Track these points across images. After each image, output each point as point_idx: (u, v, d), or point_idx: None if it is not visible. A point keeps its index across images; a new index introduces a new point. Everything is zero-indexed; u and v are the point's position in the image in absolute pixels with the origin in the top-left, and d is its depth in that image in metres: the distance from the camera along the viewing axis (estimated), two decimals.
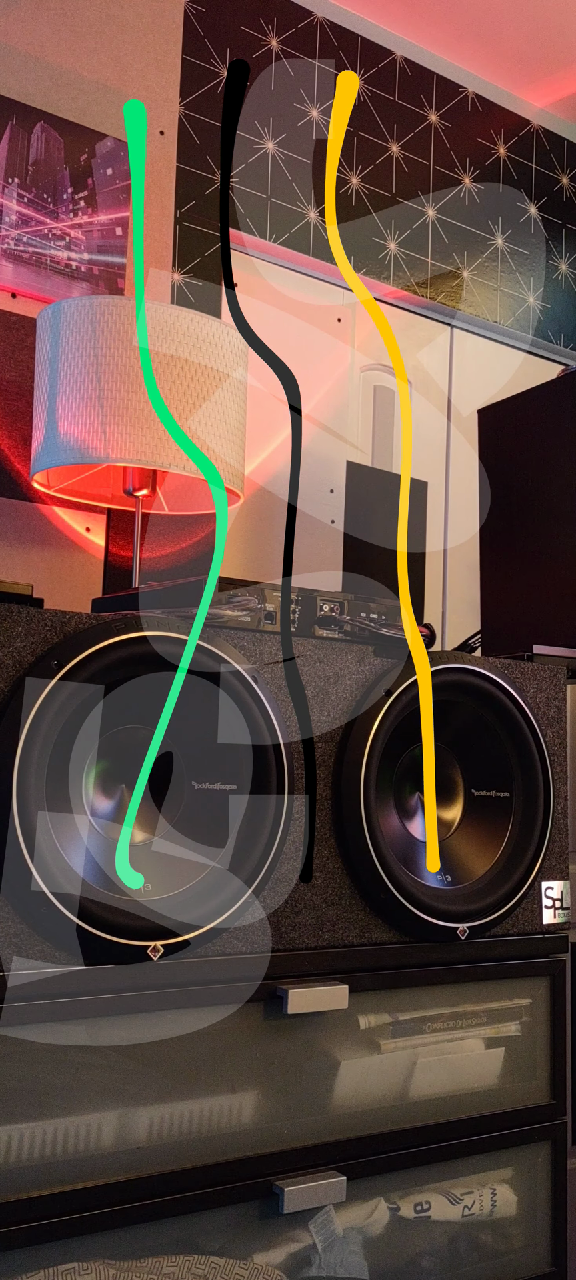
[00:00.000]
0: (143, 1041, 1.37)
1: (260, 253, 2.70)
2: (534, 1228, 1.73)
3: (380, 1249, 1.55)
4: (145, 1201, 1.35)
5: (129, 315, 1.92)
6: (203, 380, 1.95)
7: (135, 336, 1.92)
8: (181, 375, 1.94)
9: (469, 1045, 1.68)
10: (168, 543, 2.37)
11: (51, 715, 1.30)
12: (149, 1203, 1.35)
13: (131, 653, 1.37)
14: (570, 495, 2.12)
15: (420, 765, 1.72)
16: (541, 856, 1.72)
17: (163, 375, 1.92)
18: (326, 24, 2.83)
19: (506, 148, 3.19)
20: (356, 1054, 1.56)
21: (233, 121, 1.31)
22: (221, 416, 1.99)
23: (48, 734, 1.30)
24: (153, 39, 2.52)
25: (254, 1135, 1.45)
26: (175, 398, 1.92)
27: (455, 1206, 1.63)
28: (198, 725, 1.43)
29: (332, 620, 1.59)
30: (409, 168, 2.97)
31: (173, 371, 1.93)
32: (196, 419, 1.93)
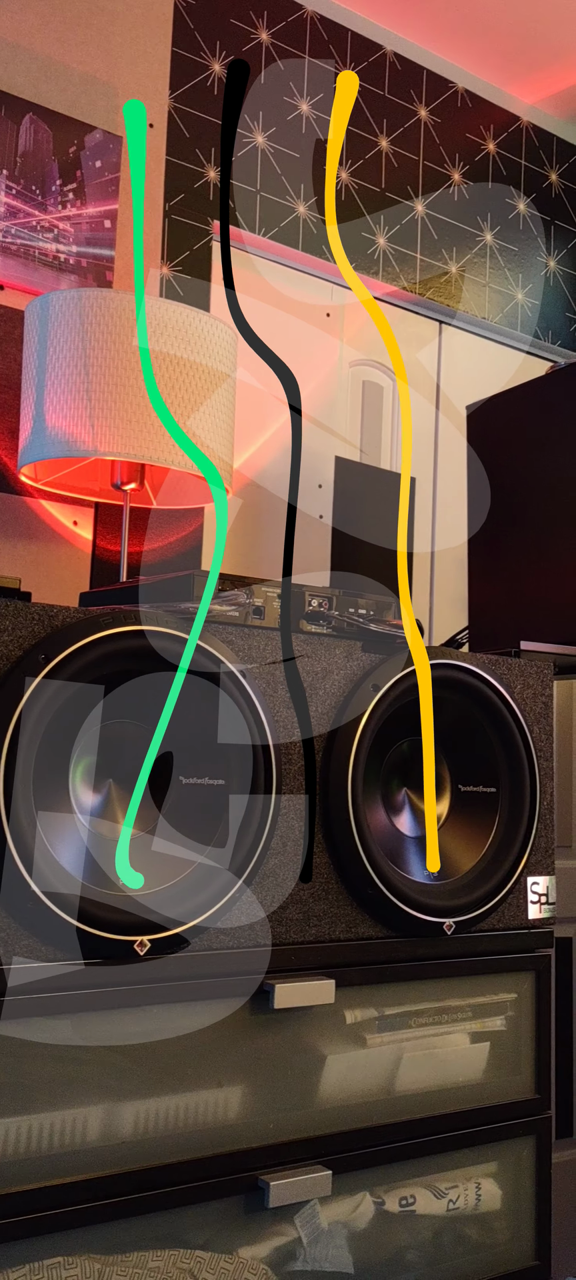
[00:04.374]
0: (130, 1037, 1.37)
1: (249, 247, 2.70)
2: (518, 1221, 1.73)
3: (365, 1243, 1.56)
4: (131, 1196, 1.35)
5: (117, 308, 1.92)
6: (191, 374, 1.95)
7: (123, 330, 1.91)
8: (169, 370, 1.93)
9: (454, 1040, 1.69)
10: (155, 537, 2.37)
11: (39, 710, 1.30)
12: (134, 1197, 1.35)
13: (120, 647, 1.37)
14: (558, 492, 2.13)
15: (407, 760, 1.73)
16: (527, 852, 1.72)
17: (152, 368, 1.92)
18: (316, 18, 2.82)
19: (496, 144, 3.20)
20: (342, 1049, 1.56)
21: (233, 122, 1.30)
22: (210, 411, 1.99)
23: (35, 728, 1.30)
24: (142, 32, 2.52)
25: (240, 1130, 1.45)
26: (163, 392, 1.92)
27: (440, 1200, 1.64)
28: (186, 720, 1.43)
29: (321, 615, 1.59)
30: (398, 163, 2.97)
31: (161, 366, 1.92)
32: (184, 413, 1.93)
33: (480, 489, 2.31)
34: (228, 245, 1.32)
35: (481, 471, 2.31)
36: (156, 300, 1.94)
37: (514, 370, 3.16)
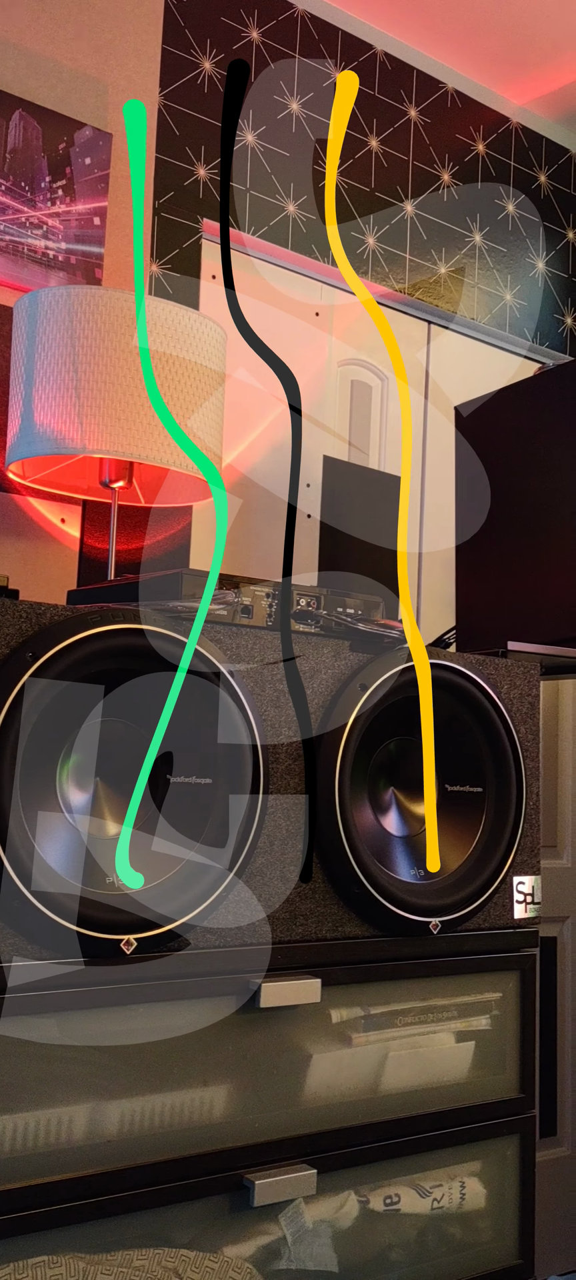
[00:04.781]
0: (117, 1037, 1.37)
1: (238, 245, 2.70)
2: (502, 1220, 1.74)
3: (349, 1241, 1.56)
4: (116, 1195, 1.35)
5: (106, 306, 1.91)
6: (179, 371, 1.95)
7: (113, 327, 1.91)
8: (158, 367, 1.93)
9: (440, 1039, 1.69)
10: (143, 535, 2.37)
11: (26, 707, 1.30)
12: (120, 1196, 1.35)
13: (108, 645, 1.37)
14: (546, 493, 2.13)
15: (394, 760, 1.73)
16: (513, 851, 1.73)
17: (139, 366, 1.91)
18: (307, 17, 2.82)
19: (485, 144, 3.20)
20: (328, 1048, 1.56)
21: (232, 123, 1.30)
22: (199, 408, 1.99)
23: (23, 726, 1.30)
24: (132, 28, 2.51)
25: (225, 1128, 1.46)
26: None
27: (424, 1199, 1.64)
28: (174, 719, 1.43)
29: (309, 615, 1.60)
30: (388, 163, 2.97)
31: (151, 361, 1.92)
32: (174, 410, 1.93)
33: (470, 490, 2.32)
34: (227, 246, 1.32)
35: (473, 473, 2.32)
36: (146, 298, 1.93)
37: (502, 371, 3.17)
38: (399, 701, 1.66)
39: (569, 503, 2.07)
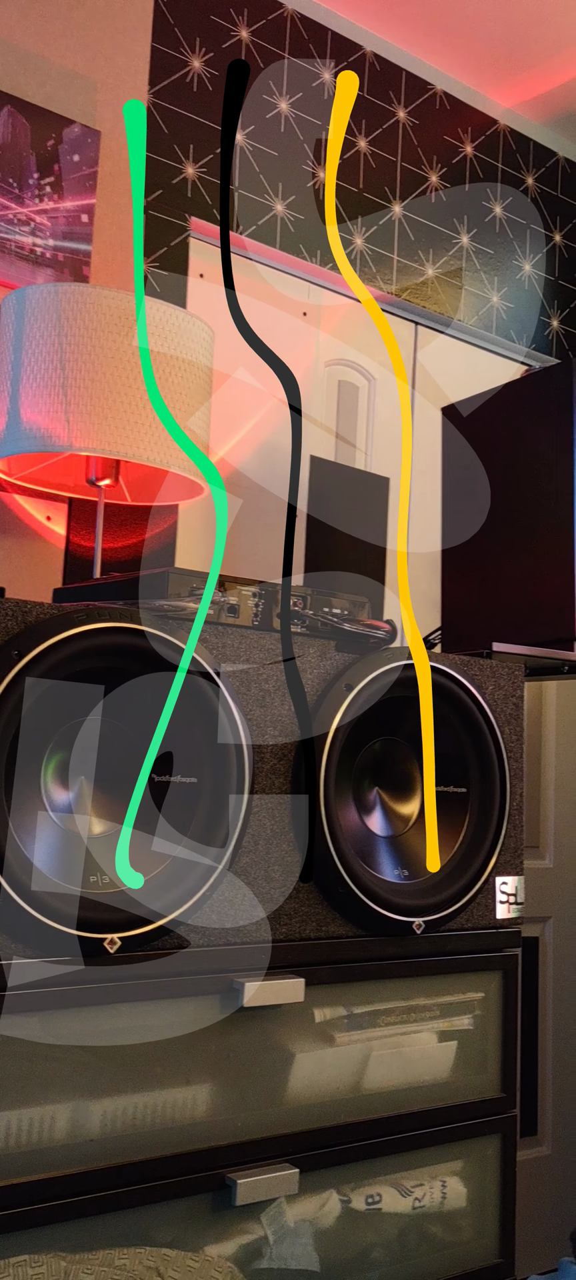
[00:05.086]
0: (100, 1036, 1.37)
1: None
2: (482, 1219, 1.75)
3: (331, 1241, 1.57)
4: (98, 1194, 1.35)
5: (94, 303, 1.91)
6: (168, 369, 1.95)
7: (100, 325, 1.91)
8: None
9: (422, 1039, 1.70)
10: (129, 533, 2.37)
11: (11, 705, 1.30)
12: (101, 1195, 1.35)
13: (94, 644, 1.37)
14: (531, 494, 2.14)
15: (379, 760, 1.73)
16: (497, 852, 1.73)
17: (129, 365, 1.91)
18: (297, 16, 2.83)
19: (473, 146, 3.21)
20: (311, 1047, 1.57)
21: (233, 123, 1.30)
22: (186, 406, 1.99)
23: (8, 724, 1.30)
24: (122, 25, 2.51)
25: (208, 1128, 1.46)
26: (140, 386, 1.92)
27: (406, 1199, 1.65)
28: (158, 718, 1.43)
29: (294, 614, 1.60)
30: (376, 164, 2.98)
31: (138, 360, 1.92)
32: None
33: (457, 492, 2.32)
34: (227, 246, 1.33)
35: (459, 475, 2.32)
36: (131, 296, 1.93)
37: (488, 373, 3.18)
38: (384, 701, 1.66)
39: (554, 505, 2.08)
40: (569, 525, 2.04)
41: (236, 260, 2.73)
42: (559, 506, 2.06)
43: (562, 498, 2.06)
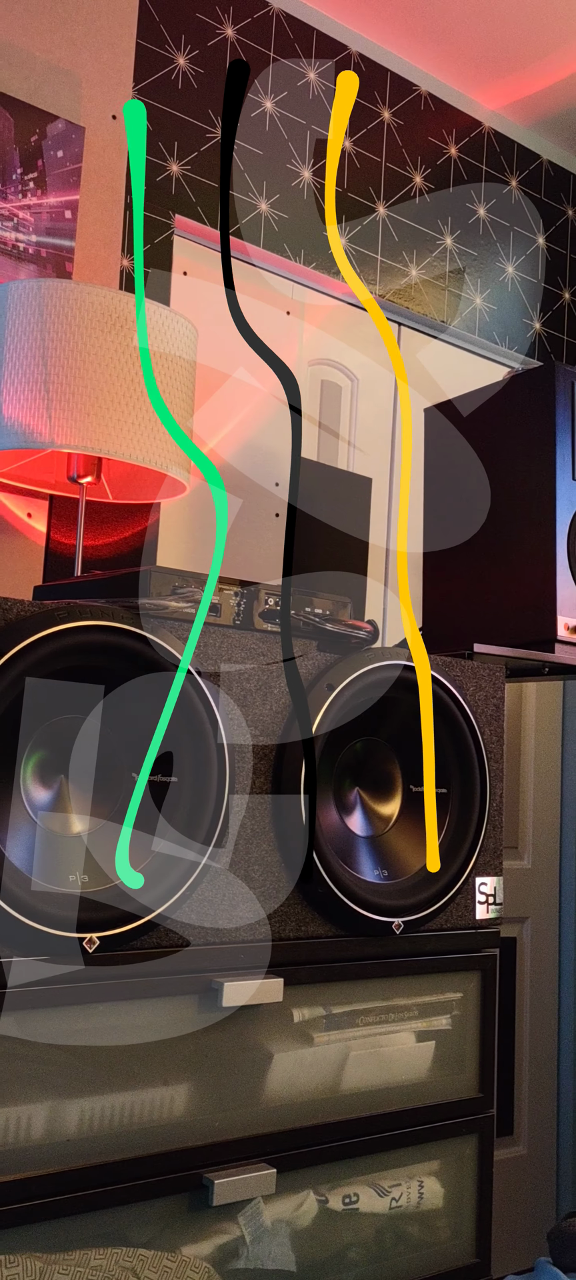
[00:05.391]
0: (77, 1034, 1.37)
1: (210, 241, 2.70)
2: (459, 1219, 1.75)
3: (308, 1241, 1.57)
4: (74, 1194, 1.34)
5: (77, 300, 1.91)
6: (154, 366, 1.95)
7: (83, 322, 1.90)
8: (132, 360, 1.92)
9: (400, 1039, 1.70)
10: (111, 531, 2.36)
11: None
12: (78, 1195, 1.35)
13: (75, 642, 1.36)
14: (514, 496, 2.15)
15: (360, 760, 1.74)
16: (476, 852, 1.74)
17: (112, 362, 1.91)
18: (283, 15, 2.82)
19: (458, 148, 3.21)
20: (289, 1047, 1.57)
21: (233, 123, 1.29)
22: (168, 403, 1.98)
23: None
24: (107, 21, 2.50)
25: (185, 1128, 1.46)
26: (122, 383, 1.91)
27: (383, 1199, 1.65)
28: (139, 716, 1.43)
29: (276, 614, 1.60)
30: (361, 164, 2.98)
31: (121, 357, 1.92)
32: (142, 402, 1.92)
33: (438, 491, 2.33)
34: (227, 247, 1.32)
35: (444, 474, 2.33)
36: (115, 293, 1.93)
37: (471, 375, 3.18)
38: (365, 702, 1.66)
39: (535, 507, 2.09)
40: (550, 527, 2.05)
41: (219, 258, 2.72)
42: (540, 508, 2.07)
43: (543, 500, 2.06)
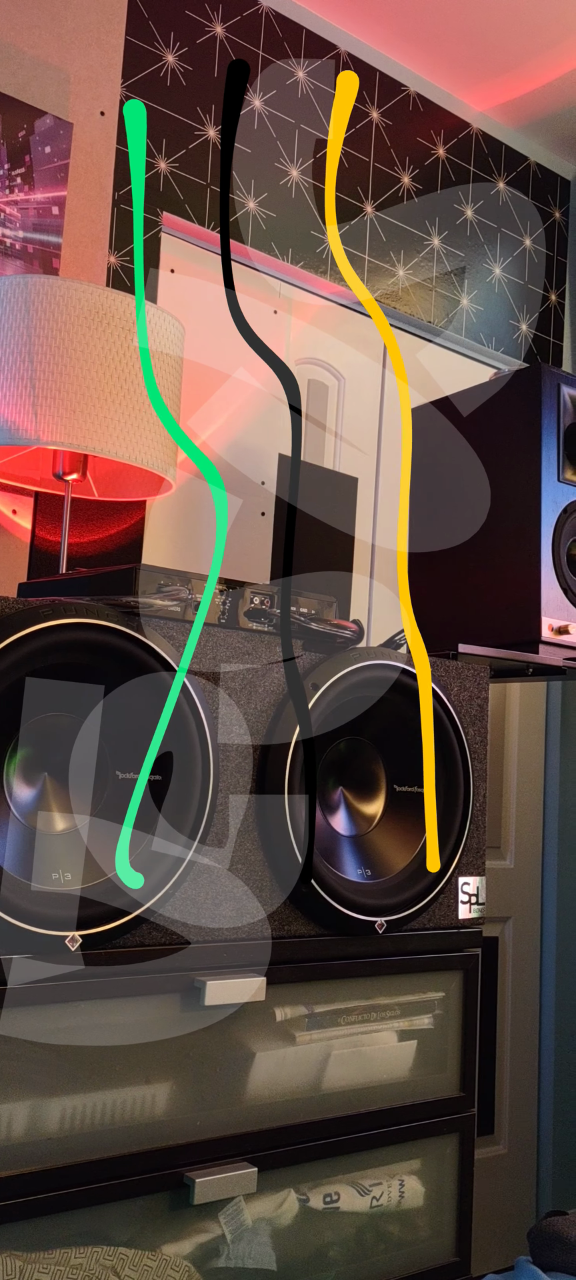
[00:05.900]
0: (59, 1032, 1.37)
1: (197, 239, 2.69)
2: (440, 1218, 1.76)
3: (289, 1240, 1.57)
4: (54, 1193, 1.34)
5: (64, 296, 1.90)
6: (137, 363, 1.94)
7: (70, 318, 1.90)
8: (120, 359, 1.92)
9: (382, 1038, 1.70)
10: (96, 529, 2.36)
11: None
12: (59, 1194, 1.35)
13: (60, 639, 1.36)
14: (498, 497, 2.16)
15: (344, 760, 1.74)
16: (459, 852, 1.75)
17: (98, 359, 1.90)
18: (272, 14, 2.82)
19: (445, 149, 3.22)
20: (272, 1046, 1.57)
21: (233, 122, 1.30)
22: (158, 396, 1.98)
23: None
24: (95, 17, 2.49)
25: (167, 1126, 1.46)
26: (109, 381, 1.91)
27: (364, 1198, 1.66)
28: (123, 715, 1.43)
29: (262, 613, 1.60)
30: (349, 163, 2.98)
31: (107, 355, 1.91)
32: (132, 401, 1.92)
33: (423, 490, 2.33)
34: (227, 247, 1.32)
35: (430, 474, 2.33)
36: (102, 290, 1.92)
37: (458, 376, 3.19)
38: (350, 701, 1.67)
39: (520, 508, 2.09)
40: (535, 528, 2.06)
41: (206, 256, 2.72)
42: (525, 510, 2.08)
43: (529, 501, 2.07)
